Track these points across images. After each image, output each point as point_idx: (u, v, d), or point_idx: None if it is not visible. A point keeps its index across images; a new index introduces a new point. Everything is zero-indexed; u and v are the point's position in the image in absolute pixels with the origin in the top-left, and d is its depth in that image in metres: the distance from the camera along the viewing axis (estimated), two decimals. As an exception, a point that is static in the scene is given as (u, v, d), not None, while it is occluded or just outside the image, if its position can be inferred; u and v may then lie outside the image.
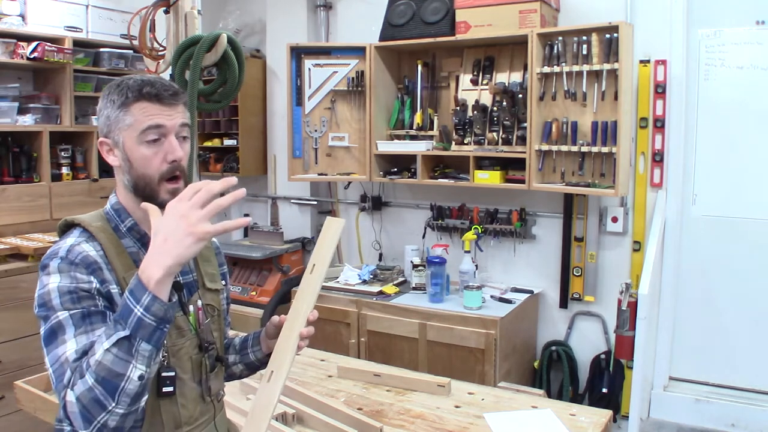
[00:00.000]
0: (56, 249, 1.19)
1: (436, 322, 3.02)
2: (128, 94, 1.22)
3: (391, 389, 1.93)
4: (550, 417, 1.72)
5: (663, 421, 3.17)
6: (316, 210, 4.14)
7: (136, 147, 1.21)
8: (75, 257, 1.16)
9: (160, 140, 1.21)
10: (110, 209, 1.28)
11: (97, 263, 1.17)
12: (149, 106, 1.22)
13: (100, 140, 1.27)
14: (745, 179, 3.01)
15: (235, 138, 4.09)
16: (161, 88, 1.23)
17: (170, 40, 2.35)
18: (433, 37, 3.25)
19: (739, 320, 3.05)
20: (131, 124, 1.21)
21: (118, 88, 1.24)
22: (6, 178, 3.35)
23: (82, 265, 1.16)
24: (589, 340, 3.33)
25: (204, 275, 1.37)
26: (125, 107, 1.22)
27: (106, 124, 1.24)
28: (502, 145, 3.20)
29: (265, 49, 4.18)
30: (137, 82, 1.23)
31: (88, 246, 1.19)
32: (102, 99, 1.26)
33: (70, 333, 1.10)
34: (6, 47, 3.26)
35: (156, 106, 1.22)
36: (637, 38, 2.99)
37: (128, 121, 1.21)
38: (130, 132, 1.21)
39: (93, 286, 1.15)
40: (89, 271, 1.16)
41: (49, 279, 1.15)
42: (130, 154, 1.22)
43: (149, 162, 1.21)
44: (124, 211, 1.27)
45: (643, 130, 3.08)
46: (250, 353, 1.49)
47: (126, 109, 1.21)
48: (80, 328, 1.10)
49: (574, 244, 3.30)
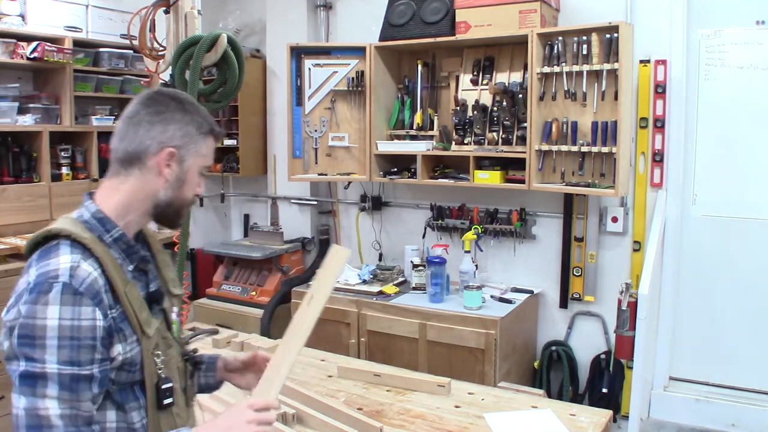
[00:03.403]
0: (53, 269, 1.08)
1: (436, 322, 3.02)
2: (211, 127, 1.28)
3: (391, 389, 1.93)
4: (550, 417, 1.72)
5: (663, 421, 3.17)
6: (316, 210, 4.14)
7: (196, 174, 1.27)
8: (80, 284, 1.07)
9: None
10: (91, 218, 1.18)
11: (101, 289, 1.10)
12: (213, 143, 1.31)
13: (170, 150, 1.21)
14: (745, 179, 3.01)
15: (235, 138, 4.09)
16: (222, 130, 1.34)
17: (170, 40, 2.35)
18: (433, 37, 3.25)
19: (739, 320, 3.05)
20: (204, 155, 1.28)
21: (200, 113, 1.27)
22: (6, 178, 3.34)
23: (88, 294, 1.07)
24: (589, 340, 3.32)
25: (167, 281, 1.34)
26: (205, 136, 1.27)
27: (184, 140, 1.24)
28: (502, 145, 3.20)
29: (265, 49, 4.18)
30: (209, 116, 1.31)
31: (89, 266, 1.10)
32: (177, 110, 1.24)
33: (53, 390, 1.03)
34: (6, 47, 3.26)
35: (215, 145, 1.32)
36: (637, 38, 2.99)
37: (203, 150, 1.27)
38: (200, 160, 1.27)
39: (96, 325, 1.07)
40: (95, 302, 1.08)
41: (47, 311, 1.04)
42: (188, 177, 1.25)
43: (194, 189, 1.28)
44: (109, 221, 1.19)
45: (643, 130, 3.08)
46: (200, 376, 1.46)
47: (205, 138, 1.27)
48: (65, 391, 1.04)
49: (574, 244, 3.30)
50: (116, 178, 1.22)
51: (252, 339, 2.33)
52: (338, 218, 4.08)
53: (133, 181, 1.21)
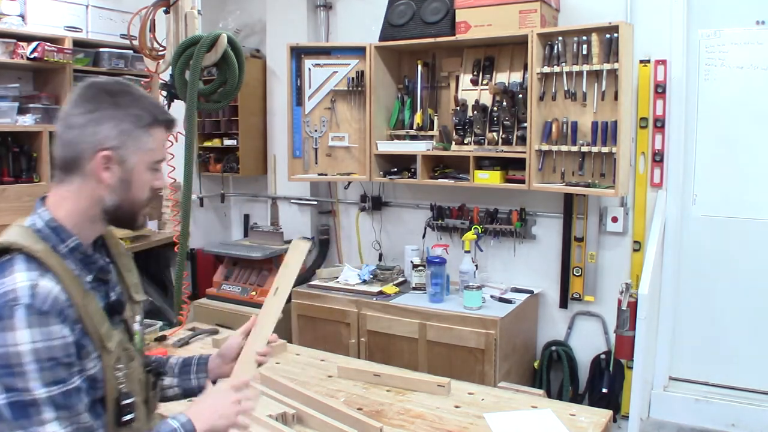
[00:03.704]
0: (11, 290, 1.01)
1: (436, 322, 3.02)
2: (157, 116, 1.16)
3: (391, 389, 1.93)
4: (550, 417, 1.72)
5: (663, 421, 3.17)
6: (316, 210, 4.14)
7: (144, 173, 1.16)
8: (43, 303, 1.01)
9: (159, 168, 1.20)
10: (45, 226, 1.11)
11: (64, 305, 1.04)
12: (164, 133, 1.19)
13: (104, 154, 1.10)
14: (745, 179, 3.01)
15: (235, 138, 4.09)
16: (174, 117, 1.20)
17: (170, 40, 2.35)
18: (433, 37, 3.25)
19: (739, 320, 3.05)
20: (152, 150, 1.15)
21: (141, 103, 1.14)
22: (6, 178, 3.34)
23: (54, 313, 1.01)
24: (589, 340, 3.32)
25: (130, 286, 1.28)
26: (150, 129, 1.15)
27: (120, 138, 1.12)
28: (502, 145, 3.20)
29: (265, 49, 4.18)
30: (156, 104, 1.18)
31: (48, 282, 1.03)
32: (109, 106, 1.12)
33: (50, 414, 0.99)
34: (6, 47, 3.26)
35: (166, 135, 1.20)
36: (637, 38, 2.99)
37: (150, 145, 1.15)
38: (147, 157, 1.15)
39: (68, 341, 1.03)
40: (61, 319, 1.02)
41: (16, 336, 0.98)
42: (135, 178, 1.14)
43: (146, 188, 1.17)
44: (63, 230, 1.11)
45: (643, 130, 3.08)
46: (192, 379, 1.42)
47: (150, 131, 1.15)
48: (62, 410, 1.01)
49: (574, 244, 3.30)
50: (62, 185, 1.14)
51: (252, 339, 2.32)
52: (338, 218, 4.08)
53: (77, 188, 1.13)
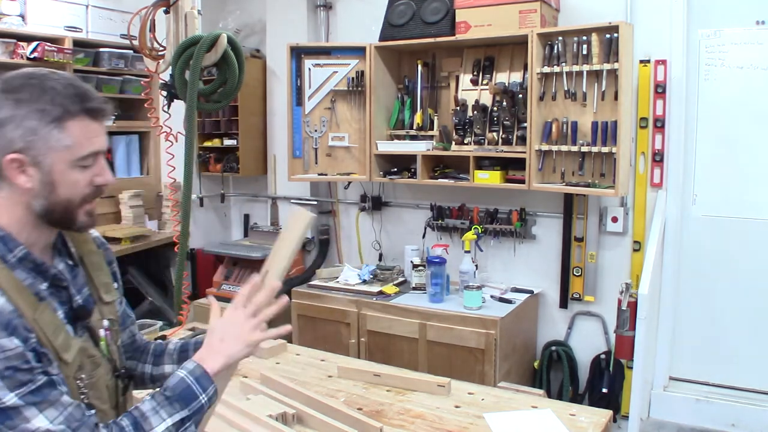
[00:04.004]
0: None
1: (436, 322, 3.02)
2: (68, 107, 1.03)
3: (391, 389, 1.93)
4: (550, 417, 1.72)
5: (663, 421, 3.17)
6: (316, 210, 4.14)
7: (67, 171, 1.05)
8: None
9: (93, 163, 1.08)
10: None
11: (11, 317, 0.98)
12: (90, 124, 1.06)
13: (10, 157, 1.01)
14: (745, 179, 3.01)
15: (235, 138, 4.09)
16: (101, 102, 1.07)
17: (170, 40, 2.34)
18: (433, 37, 3.25)
19: (739, 320, 3.05)
20: (69, 147, 1.03)
21: (46, 95, 1.02)
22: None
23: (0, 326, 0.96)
24: (589, 340, 3.32)
25: (99, 287, 1.22)
26: (61, 123, 1.02)
27: (26, 139, 1.01)
28: (502, 145, 3.20)
29: (265, 49, 4.18)
30: (72, 90, 1.04)
31: None
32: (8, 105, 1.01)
33: (30, 411, 0.97)
34: (6, 47, 3.26)
35: (95, 125, 1.07)
36: (637, 38, 2.99)
37: (66, 142, 1.03)
38: (65, 155, 1.04)
39: (20, 351, 0.97)
40: (8, 332, 0.97)
41: None
42: (57, 178, 1.04)
43: (77, 187, 1.07)
44: (11, 239, 1.05)
45: (643, 130, 3.08)
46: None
47: (62, 125, 1.03)
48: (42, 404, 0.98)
49: (574, 244, 3.30)
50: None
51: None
52: (338, 218, 4.08)
53: (7, 195, 1.06)
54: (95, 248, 1.26)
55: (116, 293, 1.27)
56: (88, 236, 1.25)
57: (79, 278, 1.18)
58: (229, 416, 1.68)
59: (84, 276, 1.20)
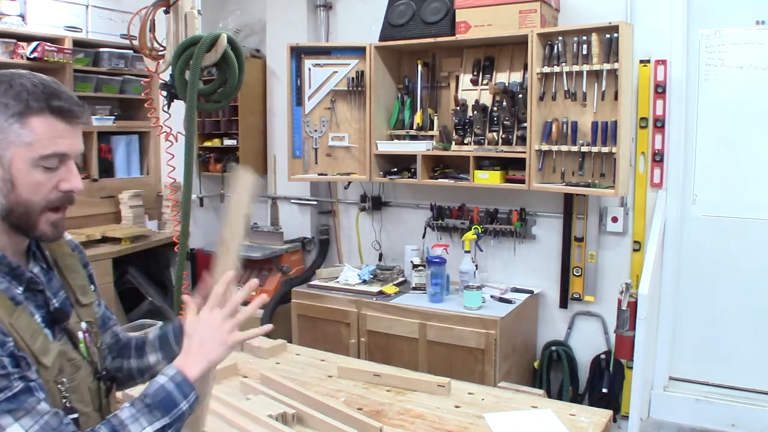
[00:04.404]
0: None
1: (436, 322, 3.02)
2: (30, 103, 1.00)
3: (391, 389, 1.93)
4: (550, 417, 1.72)
5: (663, 421, 3.17)
6: (316, 210, 4.14)
7: (28, 170, 1.01)
8: None
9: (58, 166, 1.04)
10: None
11: None
12: (56, 124, 1.02)
13: None
14: (745, 179, 3.01)
15: (235, 138, 4.09)
16: (72, 103, 1.04)
17: (170, 40, 2.34)
18: (433, 37, 3.25)
19: (739, 320, 3.05)
20: (30, 144, 1.00)
21: (12, 91, 1.00)
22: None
23: None
24: (589, 340, 3.32)
25: (75, 289, 1.20)
26: (23, 118, 1.00)
27: None
28: (502, 145, 3.20)
29: (265, 49, 4.18)
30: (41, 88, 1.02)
31: None
32: None
33: (6, 420, 0.94)
34: (6, 47, 3.26)
35: (62, 126, 1.03)
36: (637, 38, 2.99)
37: (27, 138, 1.00)
38: (26, 152, 1.00)
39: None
40: None
41: None
42: (17, 176, 1.01)
43: (39, 189, 1.03)
44: None
45: (643, 130, 3.08)
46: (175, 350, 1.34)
47: (24, 120, 1.00)
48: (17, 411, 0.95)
49: (574, 244, 3.30)
50: None
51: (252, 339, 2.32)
52: (338, 218, 4.08)
53: None
54: (69, 251, 1.24)
55: (93, 295, 1.26)
56: (62, 240, 1.22)
57: (55, 282, 1.16)
58: (229, 416, 1.68)
59: (59, 279, 1.18)
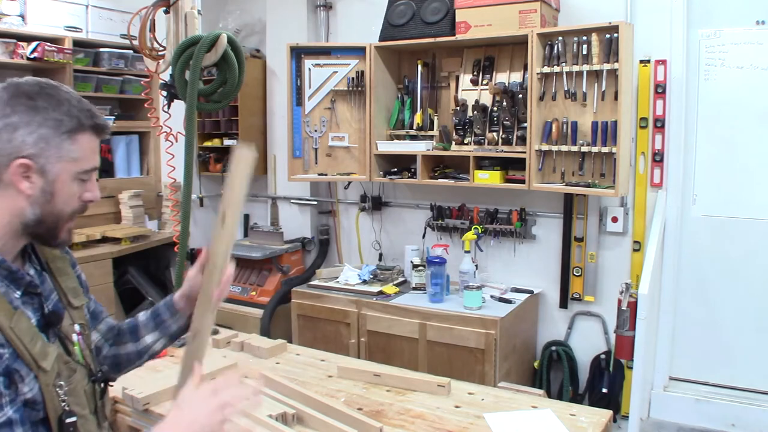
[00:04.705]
0: None
1: (436, 322, 3.02)
2: (82, 120, 1.06)
3: (391, 389, 1.93)
4: (550, 417, 1.72)
5: (663, 421, 3.17)
6: (316, 210, 4.14)
7: (69, 183, 1.07)
8: None
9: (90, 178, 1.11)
10: None
11: None
12: (94, 140, 1.09)
13: (20, 162, 1.02)
14: (745, 179, 3.01)
15: (235, 138, 4.09)
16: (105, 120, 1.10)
17: (170, 40, 2.35)
18: (433, 37, 3.25)
19: (739, 320, 3.05)
20: (76, 159, 1.06)
21: (63, 106, 1.05)
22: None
23: None
24: (589, 340, 3.32)
25: (67, 292, 1.20)
26: (73, 135, 1.05)
27: (38, 146, 1.02)
28: (502, 145, 3.20)
29: (265, 49, 4.18)
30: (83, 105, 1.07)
31: None
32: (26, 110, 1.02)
33: None
34: (6, 47, 3.26)
35: (96, 141, 1.10)
36: (637, 38, 2.99)
37: (75, 154, 1.06)
38: (72, 166, 1.06)
39: None
40: None
41: None
42: (58, 188, 1.06)
43: (71, 200, 1.09)
44: None
45: (643, 130, 3.08)
46: (171, 324, 1.37)
47: (74, 137, 1.05)
48: None
49: (574, 244, 3.30)
50: None
51: (252, 339, 2.32)
52: (338, 218, 4.08)
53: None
54: (59, 253, 1.24)
55: (84, 297, 1.26)
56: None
57: (47, 284, 1.16)
58: (229, 416, 1.67)
59: (51, 281, 1.18)
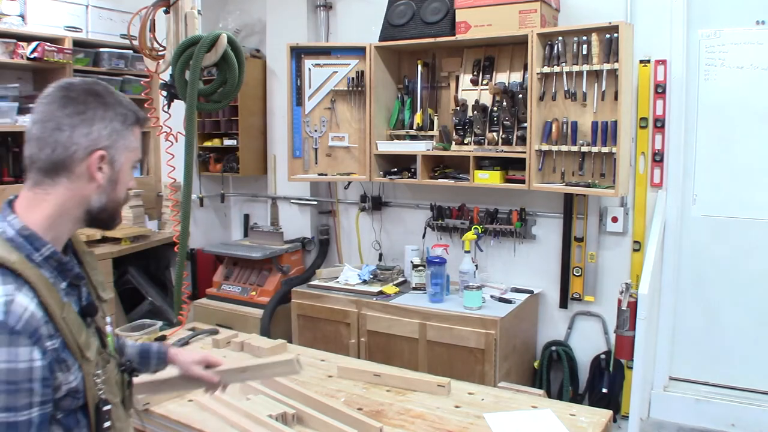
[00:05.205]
0: None
1: (436, 322, 3.02)
2: (138, 114, 1.18)
3: (391, 389, 1.93)
4: (550, 417, 1.72)
5: (663, 421, 3.17)
6: (316, 210, 4.14)
7: (129, 172, 1.18)
8: (17, 322, 0.97)
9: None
10: (17, 235, 1.05)
11: (39, 324, 0.99)
12: (140, 134, 1.21)
13: (100, 153, 1.10)
14: (745, 179, 3.01)
15: (235, 138, 4.09)
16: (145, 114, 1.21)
17: (170, 40, 2.34)
18: (433, 37, 3.25)
19: (739, 320, 3.05)
20: (135, 149, 1.18)
21: (122, 104, 1.15)
22: (6, 178, 3.35)
23: (25, 333, 0.97)
24: (589, 340, 3.33)
25: (96, 285, 1.23)
26: (131, 128, 1.16)
27: (111, 138, 1.12)
28: (502, 145, 3.20)
29: (265, 49, 4.18)
30: (131, 103, 1.18)
31: (24, 298, 0.99)
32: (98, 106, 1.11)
33: None
34: (6, 47, 3.26)
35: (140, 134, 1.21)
36: (637, 38, 2.99)
37: (133, 144, 1.17)
38: (132, 155, 1.18)
39: (33, 366, 0.97)
40: (33, 340, 0.98)
41: None
42: (122, 177, 1.16)
43: (125, 188, 1.19)
44: (37, 238, 1.06)
45: (643, 130, 3.08)
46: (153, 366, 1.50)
47: (131, 130, 1.16)
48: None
49: (574, 244, 3.30)
50: (38, 188, 1.09)
51: (252, 339, 2.33)
52: (338, 218, 4.08)
53: (62, 190, 1.09)
54: (86, 248, 1.27)
55: (110, 291, 1.31)
56: (79, 238, 1.26)
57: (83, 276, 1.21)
58: (229, 416, 1.68)
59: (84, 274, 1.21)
